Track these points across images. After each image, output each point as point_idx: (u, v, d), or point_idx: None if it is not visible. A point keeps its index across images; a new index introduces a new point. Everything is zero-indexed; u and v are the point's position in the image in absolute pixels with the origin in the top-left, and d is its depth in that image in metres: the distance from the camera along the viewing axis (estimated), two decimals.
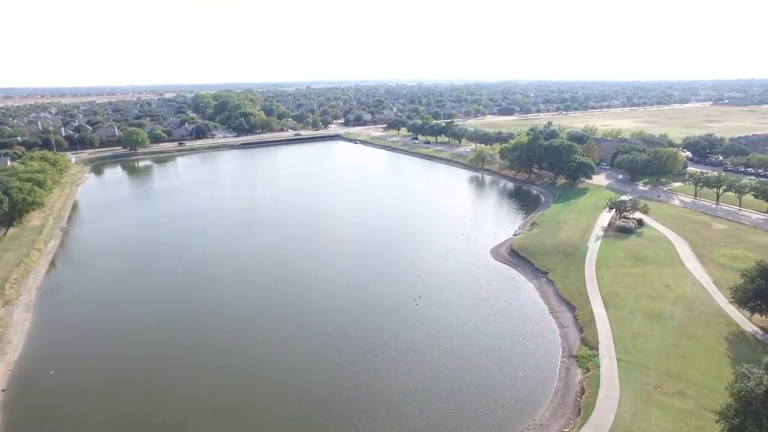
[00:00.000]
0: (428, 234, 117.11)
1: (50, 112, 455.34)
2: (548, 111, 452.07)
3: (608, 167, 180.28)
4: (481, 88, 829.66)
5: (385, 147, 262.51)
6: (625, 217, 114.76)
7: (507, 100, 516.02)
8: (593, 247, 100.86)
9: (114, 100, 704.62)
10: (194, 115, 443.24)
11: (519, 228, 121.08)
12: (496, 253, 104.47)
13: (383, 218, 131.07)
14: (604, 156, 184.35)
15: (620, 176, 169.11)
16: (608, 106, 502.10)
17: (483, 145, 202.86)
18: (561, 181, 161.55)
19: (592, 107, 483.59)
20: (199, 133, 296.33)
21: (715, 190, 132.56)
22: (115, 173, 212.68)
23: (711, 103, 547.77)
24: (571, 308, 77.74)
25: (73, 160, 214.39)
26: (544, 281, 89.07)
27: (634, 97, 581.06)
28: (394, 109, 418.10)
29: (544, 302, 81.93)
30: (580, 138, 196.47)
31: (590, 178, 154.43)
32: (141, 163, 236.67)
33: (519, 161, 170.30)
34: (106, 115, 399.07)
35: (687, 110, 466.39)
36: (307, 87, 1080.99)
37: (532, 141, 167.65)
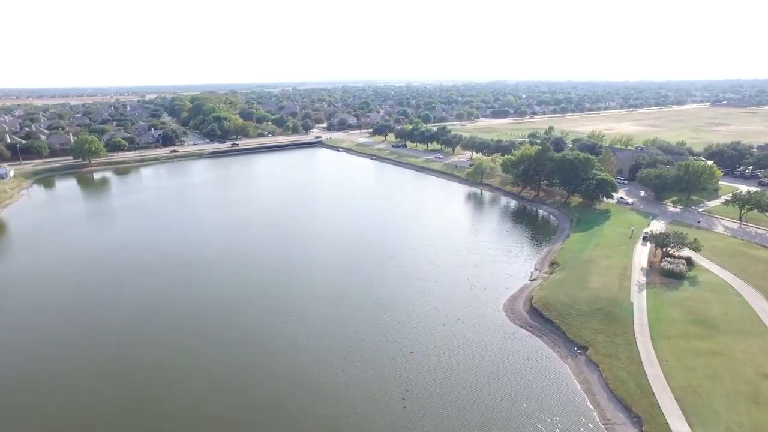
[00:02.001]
0: (423, 279, 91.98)
1: (12, 115, 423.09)
2: (544, 113, 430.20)
3: (626, 181, 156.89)
4: (471, 88, 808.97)
5: (370, 156, 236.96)
6: (669, 256, 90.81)
7: (499, 102, 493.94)
8: (639, 302, 76.64)
9: (90, 101, 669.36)
10: (169, 118, 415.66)
11: (536, 268, 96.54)
12: (511, 309, 79.79)
13: (366, 257, 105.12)
14: (620, 167, 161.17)
15: (642, 193, 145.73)
16: (605, 108, 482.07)
17: (482, 157, 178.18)
18: (576, 200, 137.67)
19: (589, 109, 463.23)
20: (167, 140, 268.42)
21: (766, 214, 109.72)
22: (62, 188, 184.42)
23: (709, 104, 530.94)
24: (634, 418, 53.18)
25: (11, 174, 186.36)
26: (584, 362, 64.40)
27: (629, 98, 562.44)
28: (381, 112, 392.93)
29: (589, 400, 57.29)
30: (591, 147, 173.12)
31: (611, 197, 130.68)
32: (97, 175, 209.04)
33: (526, 176, 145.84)
34: (71, 119, 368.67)
35: (687, 112, 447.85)
36: (293, 88, 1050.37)
37: (541, 153, 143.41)
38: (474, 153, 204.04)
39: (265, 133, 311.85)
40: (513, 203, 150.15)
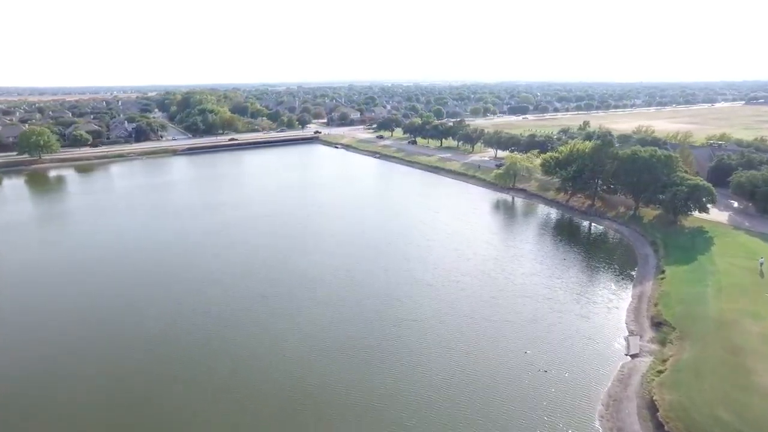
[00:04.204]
0: (451, 350, 55.60)
1: None
2: (567, 111, 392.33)
3: None
4: (482, 87, 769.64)
5: (374, 154, 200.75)
6: None
7: (515, 99, 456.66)
8: None
9: (86, 99, 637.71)
10: (160, 114, 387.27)
11: (631, 331, 59.74)
12: (616, 423, 43.27)
13: (360, 316, 69.50)
14: (696, 169, 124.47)
15: (735, 204, 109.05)
16: (631, 106, 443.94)
17: (516, 155, 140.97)
18: (649, 213, 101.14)
19: (615, 106, 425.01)
20: (140, 135, 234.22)
21: None
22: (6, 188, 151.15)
23: (743, 102, 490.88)
24: None
25: None
26: None
27: (655, 96, 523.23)
28: (388, 107, 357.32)
29: None
30: (655, 144, 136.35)
31: (706, 210, 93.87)
32: (53, 173, 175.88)
33: (579, 180, 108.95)
34: (50, 113, 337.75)
35: (724, 110, 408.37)
36: (298, 86, 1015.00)
37: (599, 149, 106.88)
38: (499, 151, 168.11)
39: (259, 129, 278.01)
40: (557, 215, 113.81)
